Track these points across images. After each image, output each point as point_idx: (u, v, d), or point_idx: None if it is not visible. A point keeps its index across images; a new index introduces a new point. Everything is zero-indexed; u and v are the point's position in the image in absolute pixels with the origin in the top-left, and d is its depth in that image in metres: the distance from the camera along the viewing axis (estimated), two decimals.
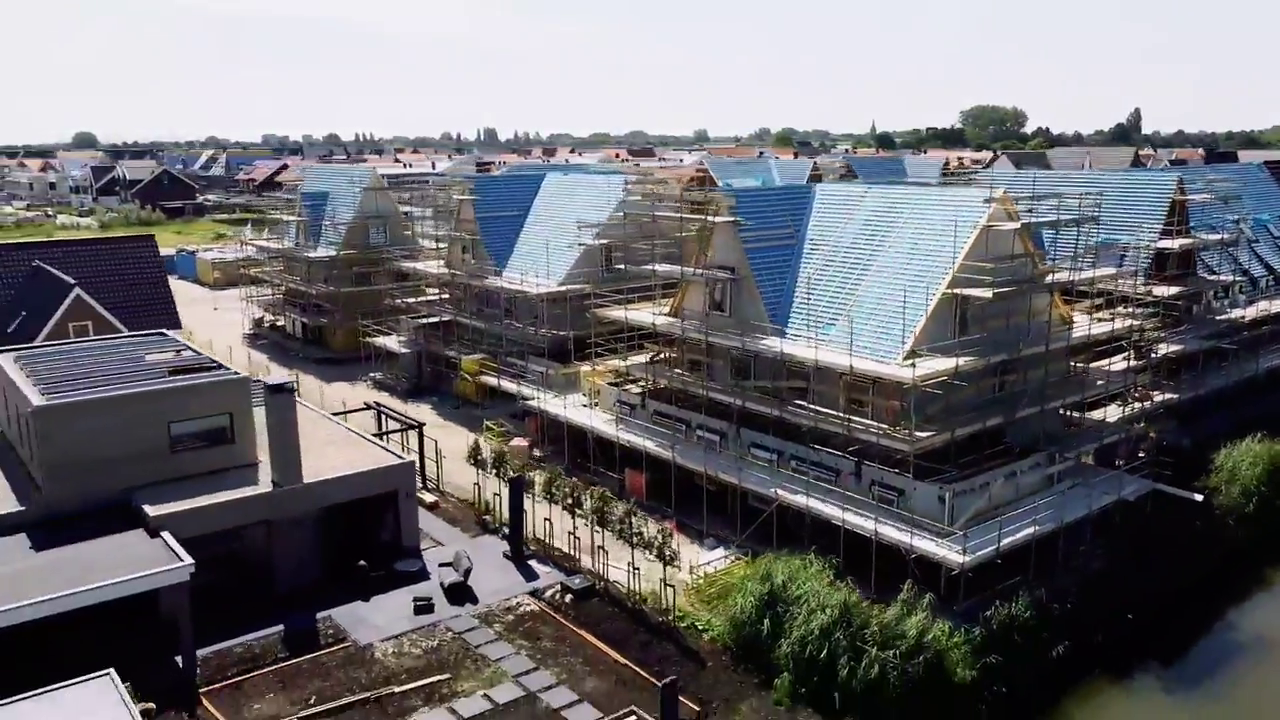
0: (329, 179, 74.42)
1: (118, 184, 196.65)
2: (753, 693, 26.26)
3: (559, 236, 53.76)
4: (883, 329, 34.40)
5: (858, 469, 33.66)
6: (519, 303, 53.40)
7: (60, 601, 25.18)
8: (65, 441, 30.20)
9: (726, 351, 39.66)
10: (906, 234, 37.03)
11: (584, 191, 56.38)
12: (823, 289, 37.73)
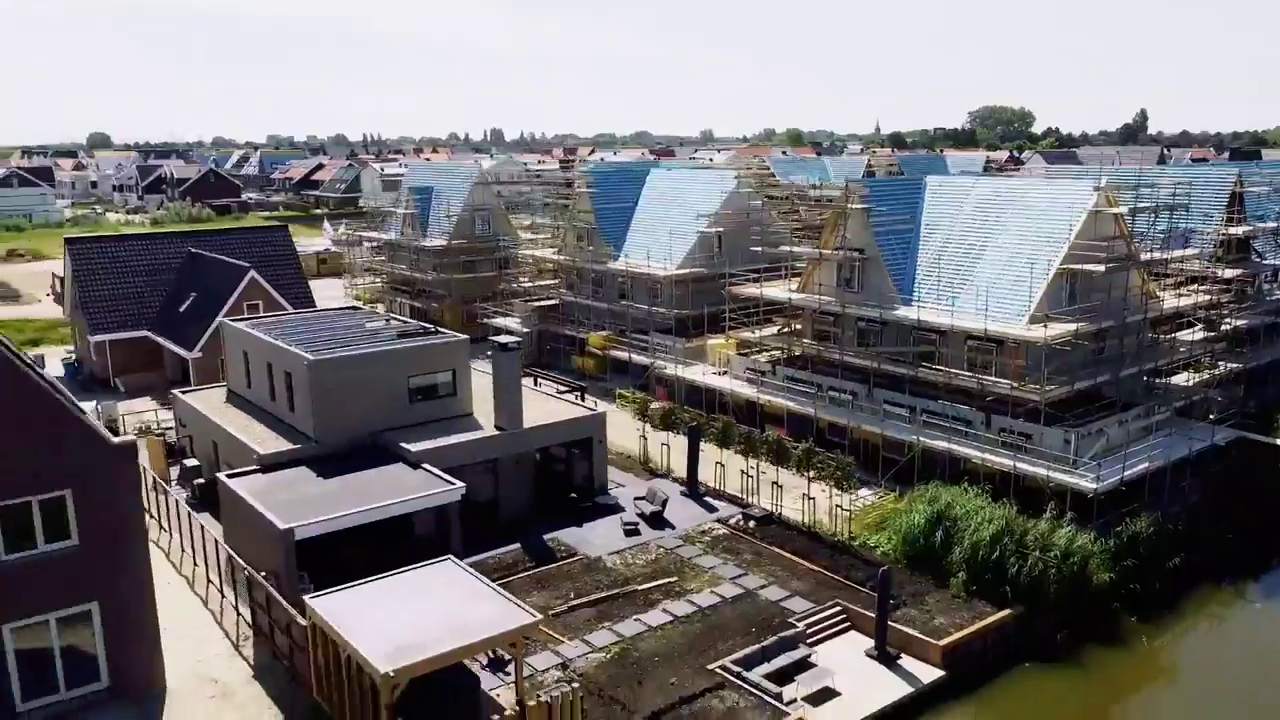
0: (433, 175, 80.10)
1: (164, 182, 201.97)
2: (931, 590, 31.82)
3: (673, 225, 59.34)
4: (1006, 298, 39.99)
5: (987, 419, 39.27)
6: (637, 283, 58.97)
7: (381, 510, 30.89)
8: (330, 390, 35.81)
9: (854, 321, 45.36)
10: (1019, 217, 42.65)
11: (694, 185, 62.00)
12: (944, 265, 43.37)
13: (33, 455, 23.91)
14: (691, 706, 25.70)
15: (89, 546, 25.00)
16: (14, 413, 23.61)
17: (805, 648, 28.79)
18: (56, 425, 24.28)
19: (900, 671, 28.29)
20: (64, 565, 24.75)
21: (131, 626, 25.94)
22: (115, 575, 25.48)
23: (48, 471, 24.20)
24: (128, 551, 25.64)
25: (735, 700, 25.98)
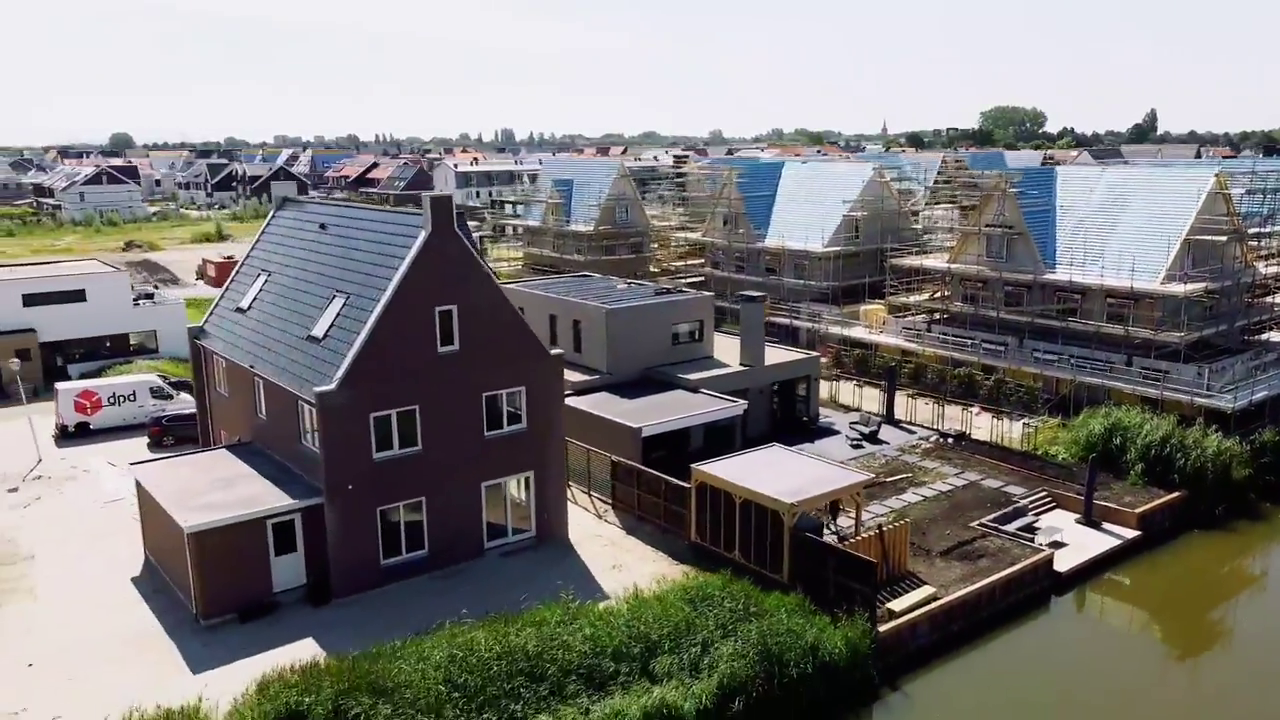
0: (571, 169, 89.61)
1: (234, 180, 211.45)
2: (1110, 480, 41.14)
3: (816, 209, 68.78)
4: (1143, 262, 49.36)
5: (1129, 359, 48.66)
6: (785, 259, 68.38)
7: (700, 417, 40.40)
8: (619, 334, 45.20)
9: (1002, 285, 54.79)
10: (1147, 198, 52.10)
11: (834, 175, 71.46)
12: (1082, 238, 52.78)
13: (509, 360, 33.31)
14: (970, 546, 35.07)
15: (532, 430, 34.39)
16: (500, 332, 33.00)
17: (1031, 516, 38.18)
18: (521, 340, 33.67)
19: (1106, 532, 37.67)
20: (517, 442, 34.12)
21: (552, 491, 35.33)
22: (545, 452, 34.87)
23: (515, 373, 33.59)
24: (553, 436, 35.03)
25: (999, 544, 35.36)
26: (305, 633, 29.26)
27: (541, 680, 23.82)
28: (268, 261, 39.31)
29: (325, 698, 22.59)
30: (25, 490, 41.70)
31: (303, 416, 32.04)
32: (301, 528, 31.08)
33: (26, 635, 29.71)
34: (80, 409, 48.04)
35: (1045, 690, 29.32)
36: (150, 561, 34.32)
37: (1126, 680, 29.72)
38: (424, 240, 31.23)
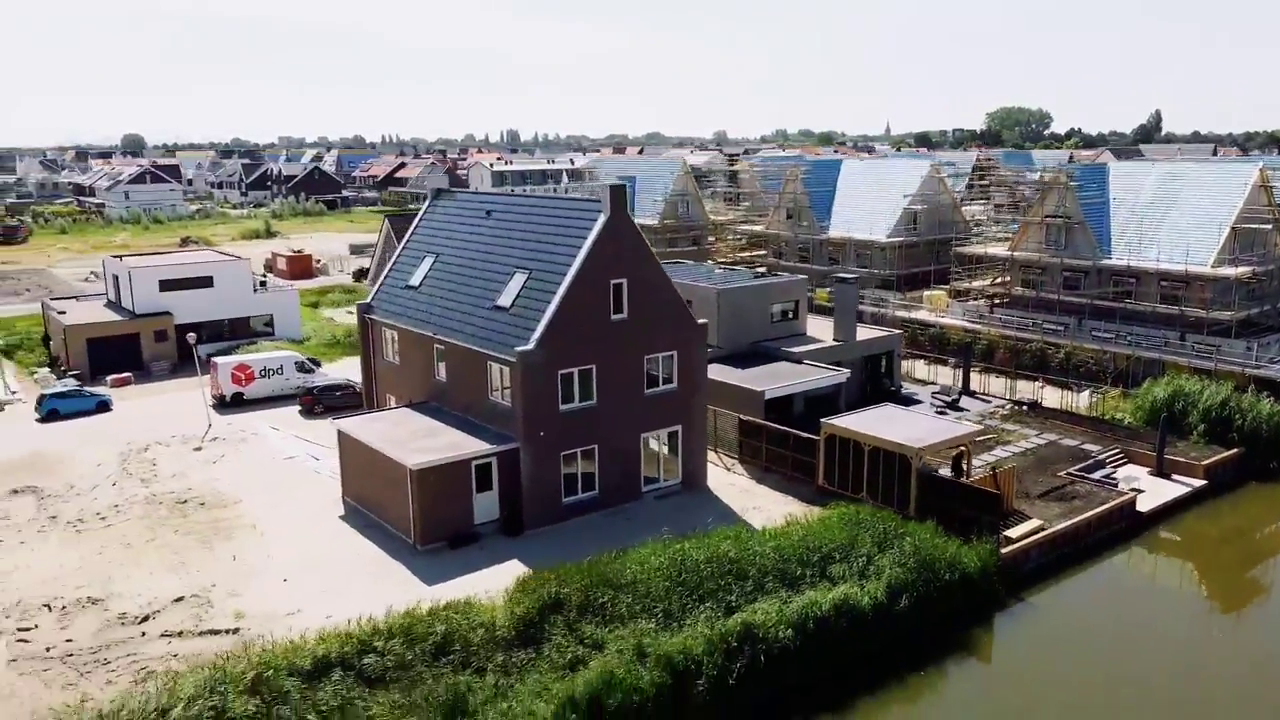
0: (634, 167, 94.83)
1: (270, 179, 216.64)
2: (1175, 441, 46.24)
3: (877, 203, 73.95)
4: (1194, 248, 54.49)
5: (1182, 336, 53.79)
6: (847, 249, 73.55)
7: (813, 383, 45.53)
8: (729, 311, 50.30)
9: (1061, 270, 59.94)
10: (1195, 190, 57.27)
11: (894, 171, 76.67)
12: (1135, 227, 57.93)
13: (666, 328, 38.45)
14: (1062, 490, 40.20)
15: (681, 389, 39.52)
16: (659, 303, 38.13)
17: (1109, 468, 43.31)
18: (676, 310, 38.81)
19: (1176, 481, 42.79)
20: (668, 400, 39.25)
21: (695, 443, 40.45)
22: (691, 410, 39.99)
23: (670, 339, 38.73)
24: (698, 394, 40.17)
25: (1087, 488, 40.51)
26: (508, 556, 34.36)
27: (745, 579, 28.96)
28: (432, 245, 44.44)
29: (576, 590, 27.72)
30: (208, 450, 46.86)
31: (491, 375, 37.19)
32: (497, 469, 36.21)
33: (269, 559, 34.84)
34: (236, 380, 53.20)
35: (1137, 609, 34.50)
36: (350, 504, 39.44)
37: (1206, 603, 34.90)
38: (603, 223, 36.39)
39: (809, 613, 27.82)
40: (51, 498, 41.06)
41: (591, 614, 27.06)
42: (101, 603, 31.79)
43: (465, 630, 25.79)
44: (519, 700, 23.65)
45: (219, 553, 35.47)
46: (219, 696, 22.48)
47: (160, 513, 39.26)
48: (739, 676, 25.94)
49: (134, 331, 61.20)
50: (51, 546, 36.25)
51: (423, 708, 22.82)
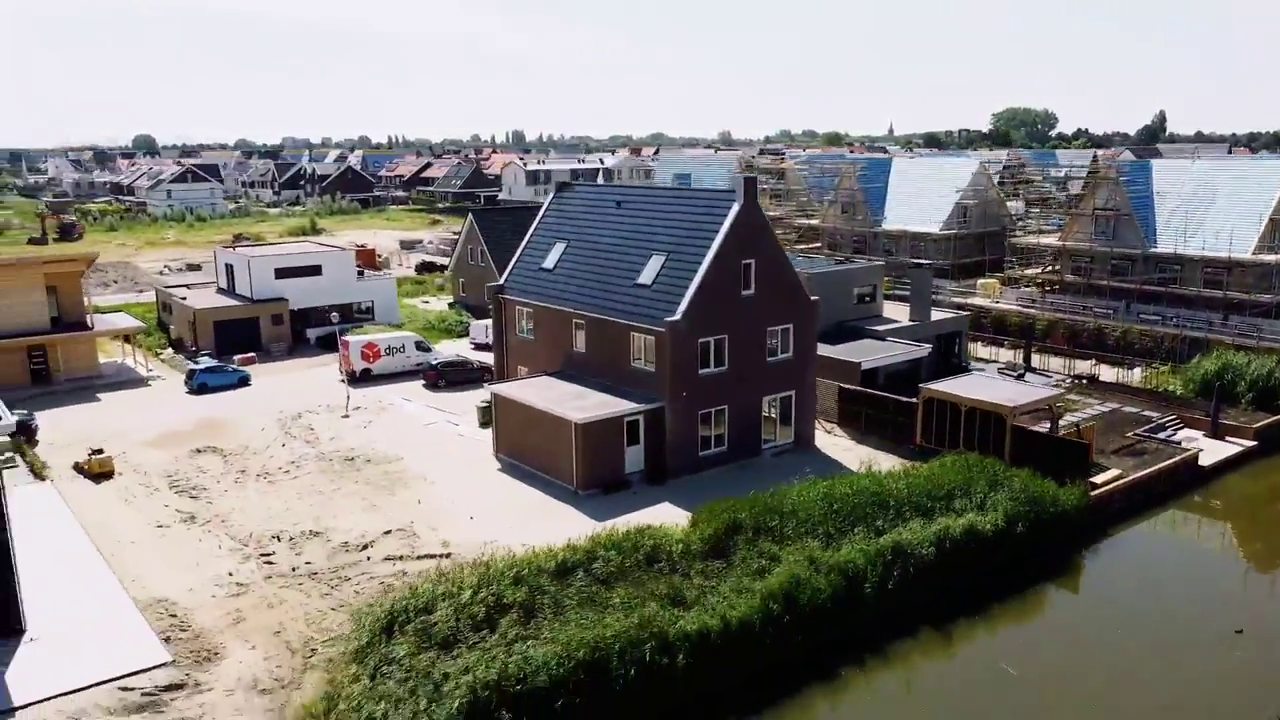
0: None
1: (303, 178, 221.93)
2: (1225, 408, 51.42)
3: (929, 198, 79.20)
4: (1236, 237, 59.74)
5: (1225, 316, 59.03)
6: (902, 241, 78.80)
7: (902, 355, 50.69)
8: (818, 292, 55.39)
9: (1109, 259, 65.18)
10: (1236, 184, 62.57)
11: (946, 168, 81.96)
12: (1181, 218, 63.18)
13: (784, 303, 43.65)
14: (1132, 447, 45.41)
15: (795, 358, 44.73)
16: (780, 281, 43.34)
17: (1170, 431, 48.52)
18: (793, 287, 44.02)
19: (1229, 442, 47.98)
20: (784, 368, 44.46)
21: (806, 407, 45.66)
22: (803, 376, 45.20)
23: (787, 312, 43.94)
24: (810, 363, 45.38)
25: (1154, 446, 45.72)
26: (658, 500, 39.53)
27: (887, 508, 34.18)
28: (561, 233, 49.61)
29: (751, 515, 32.93)
30: (355, 417, 52.06)
31: (634, 344, 42.40)
32: (644, 426, 41.40)
33: (450, 503, 40.01)
34: (365, 357, 58.40)
35: (1204, 546, 39.79)
36: (504, 459, 44.58)
37: (1259, 543, 40.11)
38: (737, 210, 41.61)
39: (944, 534, 33.03)
40: (233, 455, 46.27)
41: (765, 535, 32.25)
42: (322, 535, 37.00)
43: (668, 545, 30.96)
44: (723, 596, 28.83)
45: (402, 498, 40.67)
46: (494, 587, 27.65)
47: (335, 468, 44.47)
48: (895, 584, 31.14)
49: (254, 315, 66.44)
50: (252, 494, 41.46)
51: (650, 598, 27.98)
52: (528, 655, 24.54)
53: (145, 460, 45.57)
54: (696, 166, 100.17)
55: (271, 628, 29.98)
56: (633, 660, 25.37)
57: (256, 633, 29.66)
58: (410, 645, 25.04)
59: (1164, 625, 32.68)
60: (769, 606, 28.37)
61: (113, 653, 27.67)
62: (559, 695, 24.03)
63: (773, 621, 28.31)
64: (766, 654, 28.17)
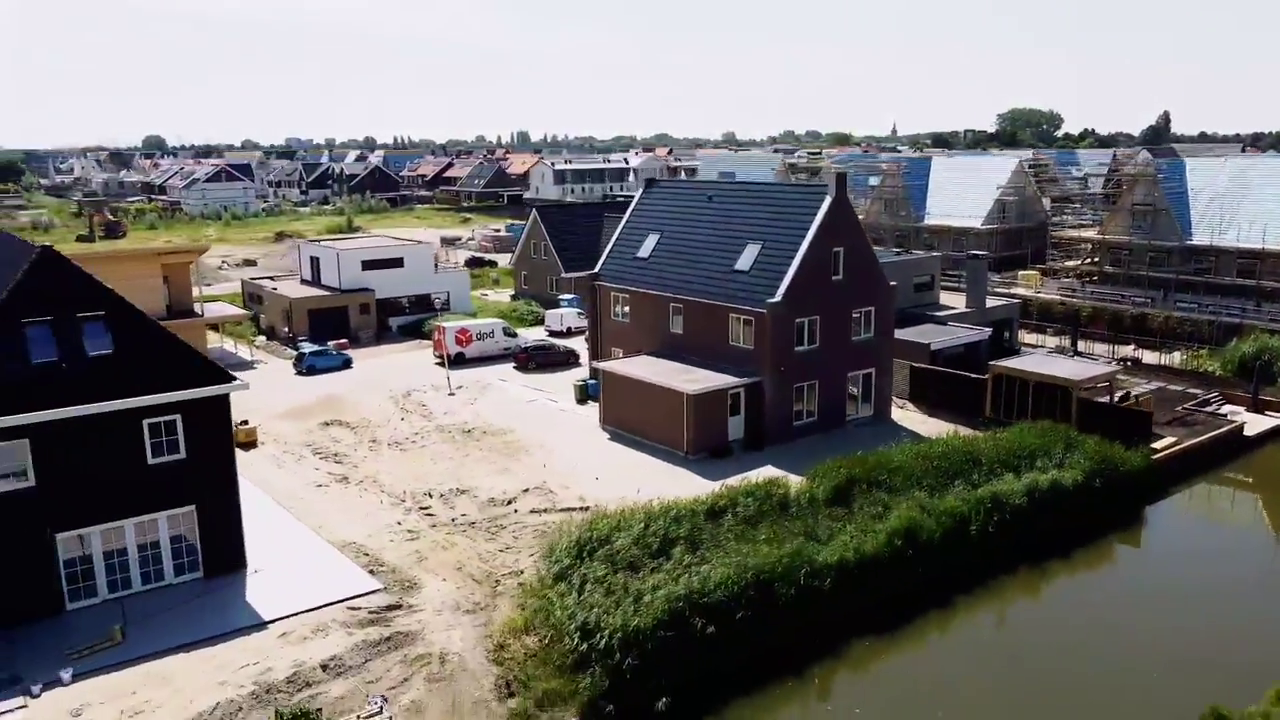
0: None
1: (330, 178, 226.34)
2: (1265, 384, 55.71)
3: (970, 195, 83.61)
4: (1268, 230, 64.09)
5: (1258, 303, 63.39)
6: (947, 235, 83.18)
7: (965, 339, 55.06)
8: None
9: (1146, 251, 69.59)
10: (1266, 181, 66.93)
11: (985, 167, 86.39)
12: (1214, 213, 67.56)
13: (868, 288, 48.02)
14: (1183, 419, 49.77)
15: (875, 338, 49.08)
16: (864, 267, 47.71)
17: (1215, 405, 52.89)
18: (875, 273, 48.38)
19: (1269, 416, 52.34)
20: (867, 347, 48.79)
21: (884, 383, 50.01)
22: (883, 354, 49.56)
23: (869, 296, 48.28)
24: (889, 342, 49.72)
25: (1203, 418, 50.08)
26: (760, 464, 43.75)
27: (979, 465, 38.56)
28: (653, 225, 53.95)
29: (863, 471, 37.31)
30: (460, 395, 56.43)
31: (732, 325, 46.75)
32: (744, 398, 45.76)
33: (573, 466, 44.32)
34: (459, 342, 62.77)
35: (1253, 502, 44.10)
36: (610, 429, 48.90)
37: None
38: (829, 203, 46.00)
39: (1033, 487, 37.42)
40: (360, 428, 50.63)
41: (877, 487, 36.62)
42: (469, 491, 41.38)
43: (796, 495, 35.34)
44: (851, 535, 33.19)
45: (526, 462, 45.02)
46: (660, 523, 32.03)
47: (456, 438, 48.83)
48: (994, 527, 35.53)
49: (343, 305, 70.81)
50: (389, 460, 45.82)
51: (790, 536, 32.33)
52: (705, 576, 28.90)
53: (281, 432, 49.95)
54: (739, 166, 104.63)
55: (452, 565, 34.33)
56: (790, 582, 29.74)
57: (441, 568, 34.02)
58: (604, 568, 29.37)
59: (1217, 570, 37.05)
60: (893, 542, 32.75)
61: (330, 581, 32.07)
62: (736, 608, 28.39)
63: (896, 556, 32.67)
64: (892, 583, 32.53)
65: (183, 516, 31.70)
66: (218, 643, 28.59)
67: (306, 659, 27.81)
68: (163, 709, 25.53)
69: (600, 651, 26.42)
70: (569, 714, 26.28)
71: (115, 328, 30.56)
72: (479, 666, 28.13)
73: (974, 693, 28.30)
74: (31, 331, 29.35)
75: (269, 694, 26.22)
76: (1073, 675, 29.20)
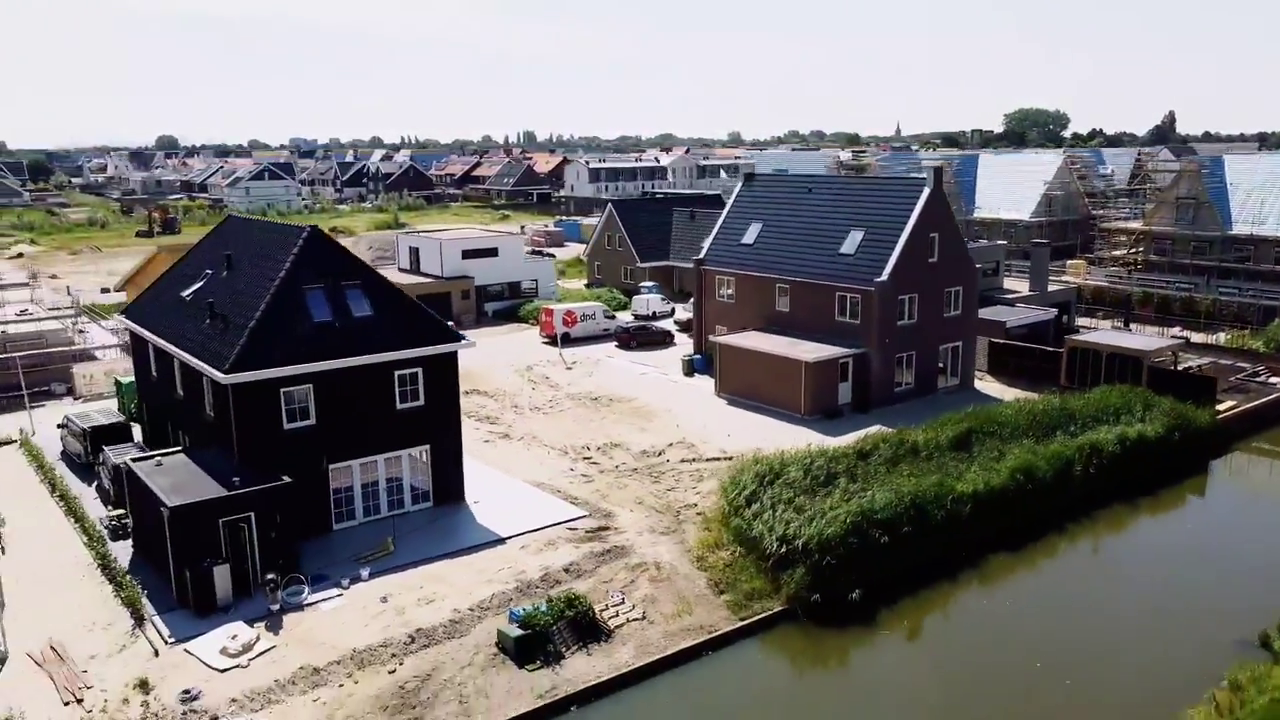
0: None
1: (365, 177, 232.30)
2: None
3: (1017, 189, 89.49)
4: None
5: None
6: (996, 228, 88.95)
7: (1032, 319, 60.90)
8: None
9: (1189, 240, 75.47)
10: None
11: (1031, 163, 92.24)
12: (1255, 204, 73.42)
13: (956, 268, 53.83)
14: (1237, 387, 55.61)
15: (962, 314, 54.90)
16: (954, 251, 53.55)
17: (1264, 376, 58.78)
18: (963, 255, 54.24)
19: None
20: (955, 322, 54.61)
21: (969, 356, 55.83)
22: (967, 329, 55.38)
23: (958, 277, 54.10)
24: (973, 318, 55.53)
25: (1256, 385, 55.96)
26: (869, 424, 49.50)
27: (1074, 420, 44.43)
28: (755, 214, 59.79)
29: (977, 424, 43.16)
30: (576, 369, 62.28)
31: (839, 302, 52.59)
32: (851, 366, 51.60)
33: (703, 425, 50.12)
34: (566, 323, 68.64)
35: None
36: (726, 396, 54.70)
37: None
38: (928, 193, 51.86)
39: (1123, 437, 43.29)
40: (499, 396, 56.48)
41: (989, 436, 42.49)
42: (620, 446, 47.20)
43: (922, 442, 41.20)
44: (975, 473, 39.03)
45: (660, 424, 50.82)
46: (820, 461, 37.90)
47: (587, 404, 54.66)
48: (1094, 469, 41.41)
49: (446, 291, 76.63)
50: (537, 422, 51.64)
51: (928, 472, 38.19)
52: (872, 499, 34.78)
53: None
54: (794, 164, 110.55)
55: (632, 500, 40.16)
56: (939, 506, 35.62)
57: (624, 503, 39.83)
58: (788, 492, 35.23)
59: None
60: (1015, 477, 38.64)
61: (542, 509, 37.95)
62: (901, 524, 34.29)
63: (1017, 489, 38.56)
64: (1015, 512, 38.40)
65: (420, 454, 37.60)
66: (471, 553, 34.48)
67: (549, 564, 33.69)
68: (449, 597, 31.41)
69: (800, 554, 32.26)
70: (776, 604, 32.16)
71: (370, 294, 36.43)
72: (689, 572, 33.99)
73: (1086, 596, 34.18)
74: (310, 296, 35.22)
75: (529, 588, 32.08)
76: (1163, 580, 35.22)
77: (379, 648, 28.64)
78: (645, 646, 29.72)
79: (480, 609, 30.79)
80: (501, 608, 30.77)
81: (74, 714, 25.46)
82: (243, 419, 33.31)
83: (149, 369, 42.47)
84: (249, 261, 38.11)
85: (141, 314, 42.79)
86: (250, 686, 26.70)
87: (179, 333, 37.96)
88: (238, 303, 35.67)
